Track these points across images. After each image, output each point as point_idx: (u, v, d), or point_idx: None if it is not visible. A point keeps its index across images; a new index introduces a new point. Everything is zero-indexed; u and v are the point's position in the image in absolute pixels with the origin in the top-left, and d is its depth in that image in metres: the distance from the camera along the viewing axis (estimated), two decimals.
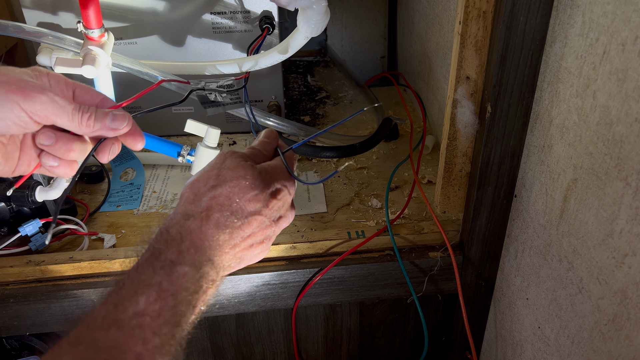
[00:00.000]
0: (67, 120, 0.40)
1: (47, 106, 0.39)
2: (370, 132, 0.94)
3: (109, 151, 0.44)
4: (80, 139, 0.42)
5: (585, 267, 0.48)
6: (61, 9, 0.78)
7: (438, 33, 0.85)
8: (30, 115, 0.39)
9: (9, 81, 0.38)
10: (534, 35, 0.51)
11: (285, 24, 1.00)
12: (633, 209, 0.40)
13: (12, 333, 0.68)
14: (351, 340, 0.79)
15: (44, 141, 0.41)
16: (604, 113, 0.43)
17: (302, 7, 0.61)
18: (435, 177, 0.81)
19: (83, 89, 0.43)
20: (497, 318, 0.70)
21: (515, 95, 0.54)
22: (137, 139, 0.45)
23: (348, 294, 0.70)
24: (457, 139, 0.61)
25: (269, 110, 0.90)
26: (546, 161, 0.54)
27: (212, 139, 0.64)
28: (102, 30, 0.62)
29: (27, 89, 0.38)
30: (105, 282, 0.66)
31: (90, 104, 0.43)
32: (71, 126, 0.41)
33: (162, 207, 0.77)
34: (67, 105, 0.40)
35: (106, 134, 0.43)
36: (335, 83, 1.14)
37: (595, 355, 0.48)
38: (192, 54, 0.84)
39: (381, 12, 1.20)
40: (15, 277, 0.66)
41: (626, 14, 0.39)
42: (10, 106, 0.38)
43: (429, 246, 0.70)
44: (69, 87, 0.43)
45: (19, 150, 0.42)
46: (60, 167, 0.42)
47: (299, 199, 0.77)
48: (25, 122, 0.39)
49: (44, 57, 0.70)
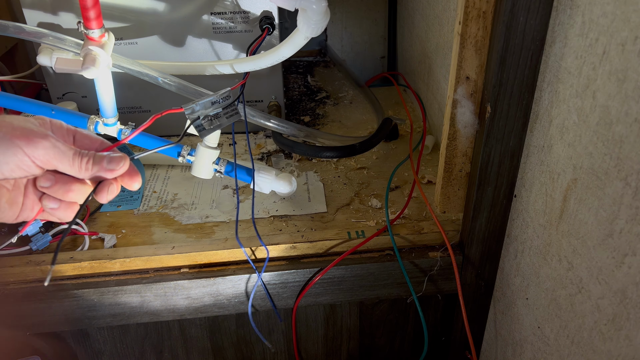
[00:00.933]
0: (68, 165, 0.42)
1: (49, 151, 0.41)
2: (370, 132, 0.94)
3: (107, 191, 0.45)
4: (78, 181, 0.44)
5: (585, 267, 0.48)
6: (61, 9, 0.79)
7: (438, 33, 0.85)
8: (32, 160, 0.41)
9: (14, 127, 0.40)
10: (533, 35, 0.51)
11: (285, 24, 1.00)
12: (633, 209, 0.40)
13: (12, 333, 0.68)
14: (351, 340, 0.79)
15: (43, 183, 0.43)
16: (603, 113, 0.43)
17: (302, 8, 0.61)
18: (435, 177, 0.81)
19: (82, 135, 0.46)
20: (497, 318, 0.70)
21: (515, 95, 0.54)
22: (134, 178, 0.47)
23: (348, 294, 0.70)
24: (457, 139, 0.61)
25: (269, 110, 0.90)
26: (546, 161, 0.54)
27: (212, 139, 0.64)
28: (103, 31, 0.62)
29: (30, 135, 0.41)
30: (105, 282, 0.66)
31: (89, 148, 0.45)
32: (72, 170, 0.43)
33: (162, 207, 0.77)
34: (68, 150, 0.42)
35: (104, 175, 0.44)
36: (335, 83, 1.14)
37: (595, 355, 0.48)
38: (192, 54, 0.84)
39: (381, 12, 1.20)
40: (15, 277, 0.66)
41: (626, 14, 0.40)
42: (14, 151, 0.40)
43: (429, 246, 0.70)
44: (69, 133, 0.45)
45: (22, 196, 0.44)
46: (60, 209, 0.44)
47: (299, 199, 0.78)
48: (28, 166, 0.41)
49: (44, 57, 0.70)
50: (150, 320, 0.69)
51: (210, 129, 0.58)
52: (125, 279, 0.66)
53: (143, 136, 0.66)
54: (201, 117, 0.57)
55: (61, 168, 0.43)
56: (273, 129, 0.77)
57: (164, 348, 0.76)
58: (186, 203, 0.78)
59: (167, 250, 0.67)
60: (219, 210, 0.76)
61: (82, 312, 0.67)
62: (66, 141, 0.44)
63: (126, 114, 0.88)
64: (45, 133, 0.42)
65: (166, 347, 0.76)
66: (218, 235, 0.72)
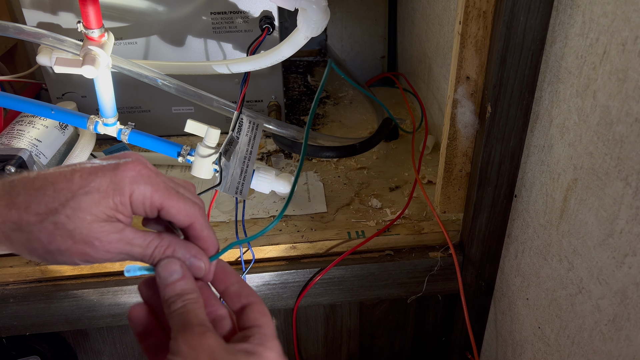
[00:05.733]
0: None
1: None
2: (370, 132, 0.94)
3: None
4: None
5: (586, 267, 0.48)
6: (61, 9, 0.78)
7: (438, 33, 0.85)
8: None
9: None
10: (534, 35, 0.51)
11: (285, 24, 1.00)
12: (633, 209, 0.40)
13: (12, 333, 0.68)
14: (351, 340, 0.79)
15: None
16: (604, 113, 0.43)
17: (302, 7, 0.61)
18: (435, 177, 0.80)
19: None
20: (497, 318, 0.70)
21: (515, 95, 0.54)
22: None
23: (348, 294, 0.70)
24: (457, 139, 0.61)
25: (268, 110, 0.90)
26: (546, 161, 0.54)
27: (212, 139, 0.64)
28: (102, 30, 0.62)
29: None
30: (105, 282, 0.66)
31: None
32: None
33: None
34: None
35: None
36: (335, 83, 1.14)
37: (596, 356, 0.48)
38: (192, 54, 0.84)
39: (381, 12, 1.20)
40: (15, 277, 0.66)
41: (626, 14, 0.39)
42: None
43: (429, 246, 0.70)
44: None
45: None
46: None
47: (299, 198, 0.77)
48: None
49: (43, 57, 0.70)
50: None
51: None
52: (125, 279, 0.66)
53: (143, 136, 0.66)
54: (224, 152, 0.56)
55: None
56: (273, 132, 0.77)
57: None
58: None
59: None
60: (219, 210, 0.76)
61: (81, 312, 0.67)
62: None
63: (126, 114, 0.88)
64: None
65: None
66: (218, 235, 0.71)
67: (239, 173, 0.56)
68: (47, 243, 0.35)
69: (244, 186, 0.56)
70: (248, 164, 0.57)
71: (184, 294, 0.36)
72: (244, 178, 0.57)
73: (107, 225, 0.36)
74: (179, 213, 0.38)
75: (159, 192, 0.37)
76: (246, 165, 0.57)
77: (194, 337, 0.33)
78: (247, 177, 0.57)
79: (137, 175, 0.36)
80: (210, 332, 0.34)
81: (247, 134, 0.58)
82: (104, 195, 0.35)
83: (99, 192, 0.35)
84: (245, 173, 0.57)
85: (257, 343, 0.35)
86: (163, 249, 0.38)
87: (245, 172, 0.57)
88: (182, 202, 0.38)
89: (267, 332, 0.36)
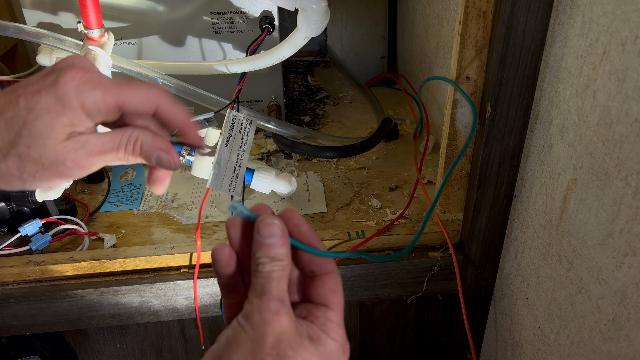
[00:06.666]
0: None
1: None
2: (370, 132, 0.94)
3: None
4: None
5: (585, 267, 0.48)
6: (61, 9, 0.79)
7: (438, 33, 0.85)
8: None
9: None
10: (534, 35, 0.51)
11: (285, 24, 1.00)
12: (633, 209, 0.40)
13: (12, 333, 0.68)
14: (351, 340, 0.79)
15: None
16: (604, 113, 0.43)
17: (302, 7, 0.61)
18: (435, 177, 0.80)
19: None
20: (497, 318, 0.70)
21: (515, 95, 0.54)
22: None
23: (348, 294, 0.70)
24: (457, 139, 0.61)
25: (268, 110, 0.90)
26: (546, 161, 0.54)
27: (212, 139, 0.64)
28: (102, 31, 0.62)
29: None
30: (105, 282, 0.66)
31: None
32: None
33: (162, 207, 0.77)
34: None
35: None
36: (335, 83, 1.14)
37: (595, 355, 0.48)
38: (192, 54, 0.84)
39: (381, 12, 1.20)
40: (15, 277, 0.66)
41: (626, 14, 0.39)
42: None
43: (429, 246, 0.70)
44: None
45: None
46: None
47: (299, 199, 0.78)
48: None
49: (44, 57, 0.70)
50: (150, 320, 0.69)
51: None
52: (125, 279, 0.66)
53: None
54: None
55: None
56: (273, 131, 0.77)
57: (163, 348, 0.76)
58: (186, 203, 0.78)
59: (166, 250, 0.67)
60: (219, 210, 0.76)
61: (81, 312, 0.67)
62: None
63: None
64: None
65: (166, 347, 0.76)
66: (218, 235, 0.72)
67: (231, 170, 0.56)
68: (20, 174, 0.35)
69: (237, 183, 0.56)
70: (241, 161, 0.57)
71: (276, 259, 0.34)
72: (237, 175, 0.57)
73: (71, 143, 0.35)
74: (140, 102, 0.36)
75: (110, 91, 0.35)
76: (239, 162, 0.57)
77: (268, 312, 0.32)
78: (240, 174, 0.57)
79: (80, 84, 0.34)
80: (285, 310, 0.32)
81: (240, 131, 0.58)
82: (55, 114, 0.34)
83: (48, 113, 0.34)
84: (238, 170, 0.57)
85: (322, 329, 0.34)
86: (133, 142, 0.37)
87: (239, 170, 0.57)
88: (137, 90, 0.36)
89: (333, 317, 0.34)
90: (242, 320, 0.32)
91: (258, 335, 0.31)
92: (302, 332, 0.33)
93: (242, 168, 0.57)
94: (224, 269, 0.36)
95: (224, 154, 0.57)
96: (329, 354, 0.33)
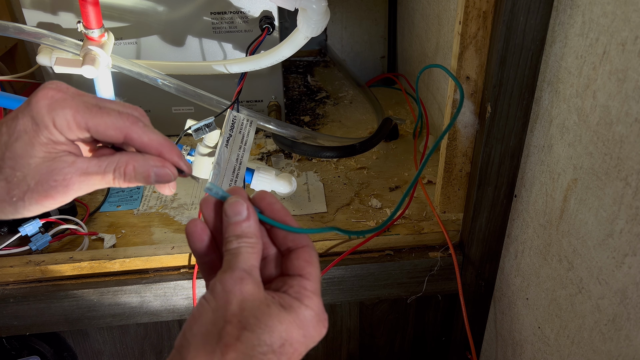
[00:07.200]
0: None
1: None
2: (370, 132, 0.94)
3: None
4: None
5: (585, 267, 0.48)
6: (61, 9, 0.78)
7: (438, 33, 0.85)
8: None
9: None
10: (534, 35, 0.51)
11: (285, 24, 1.00)
12: (633, 209, 0.40)
13: (12, 333, 0.68)
14: (351, 340, 0.79)
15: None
16: (604, 113, 0.43)
17: (302, 7, 0.61)
18: (435, 177, 0.80)
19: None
20: (497, 318, 0.70)
21: (515, 95, 0.54)
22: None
23: (348, 294, 0.70)
24: (457, 139, 0.61)
25: (268, 110, 0.90)
26: (546, 161, 0.54)
27: (212, 139, 0.64)
28: (102, 30, 0.62)
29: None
30: (105, 282, 0.66)
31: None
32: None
33: (162, 207, 0.77)
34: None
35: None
36: (335, 83, 1.14)
37: (595, 355, 0.48)
38: (192, 54, 0.84)
39: (381, 12, 1.20)
40: (15, 277, 0.66)
41: (626, 14, 0.39)
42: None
43: (429, 246, 0.70)
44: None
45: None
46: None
47: (299, 199, 0.78)
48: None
49: (43, 57, 0.70)
50: (150, 320, 0.69)
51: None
52: (125, 279, 0.66)
53: None
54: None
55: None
56: (273, 132, 0.77)
57: (163, 348, 0.76)
58: (186, 203, 0.78)
59: (166, 250, 0.67)
60: None
61: (81, 312, 0.67)
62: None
63: None
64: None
65: (166, 347, 0.76)
66: None
67: (231, 170, 0.57)
68: (10, 199, 0.35)
69: (237, 183, 0.56)
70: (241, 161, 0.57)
71: (242, 236, 0.34)
72: (237, 175, 0.57)
73: (55, 162, 0.35)
74: (107, 128, 0.36)
75: (80, 112, 0.35)
76: (239, 162, 0.57)
77: (231, 280, 0.32)
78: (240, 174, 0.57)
79: (51, 103, 0.35)
80: (249, 279, 0.32)
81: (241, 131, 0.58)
82: (32, 134, 0.34)
83: (26, 133, 0.34)
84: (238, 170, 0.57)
85: (295, 297, 0.33)
86: (123, 168, 0.37)
87: (239, 170, 0.57)
88: (106, 116, 0.36)
89: (308, 285, 0.34)
90: (207, 294, 0.33)
91: (220, 304, 0.32)
92: (272, 301, 0.33)
93: (242, 168, 0.58)
94: (198, 243, 0.36)
95: (224, 154, 0.57)
96: (302, 322, 0.33)
